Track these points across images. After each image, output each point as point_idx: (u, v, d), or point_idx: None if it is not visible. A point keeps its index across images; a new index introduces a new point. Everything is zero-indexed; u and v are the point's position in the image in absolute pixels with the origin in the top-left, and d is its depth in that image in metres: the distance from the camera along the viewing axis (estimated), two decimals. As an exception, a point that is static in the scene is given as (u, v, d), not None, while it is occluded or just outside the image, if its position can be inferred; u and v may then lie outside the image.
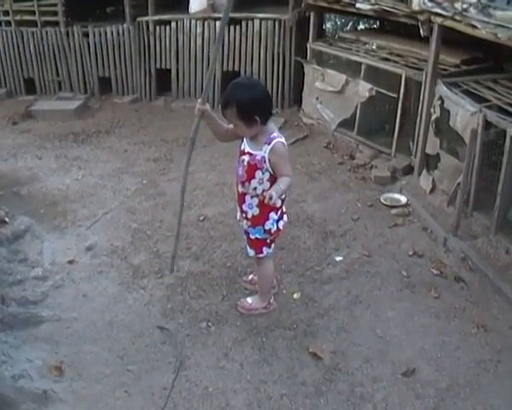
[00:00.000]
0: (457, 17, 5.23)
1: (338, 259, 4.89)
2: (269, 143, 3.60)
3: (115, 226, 5.45)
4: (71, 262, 4.86)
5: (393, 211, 5.64)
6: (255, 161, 3.66)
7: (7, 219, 5.12)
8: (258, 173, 3.68)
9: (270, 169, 3.64)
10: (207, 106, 3.79)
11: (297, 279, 4.60)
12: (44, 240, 5.17)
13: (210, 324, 4.10)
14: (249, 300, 4.23)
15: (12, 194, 6.09)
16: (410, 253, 4.95)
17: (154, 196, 6.05)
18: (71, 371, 3.70)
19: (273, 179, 3.65)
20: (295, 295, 4.40)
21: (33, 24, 9.45)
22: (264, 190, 3.64)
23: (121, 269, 4.77)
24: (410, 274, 4.65)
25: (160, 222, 5.48)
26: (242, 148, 3.80)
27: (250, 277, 4.49)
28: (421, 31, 5.91)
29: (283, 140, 3.66)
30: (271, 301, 4.23)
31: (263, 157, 3.63)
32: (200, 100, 3.79)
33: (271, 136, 3.62)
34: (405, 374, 3.64)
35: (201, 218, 5.55)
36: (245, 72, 8.75)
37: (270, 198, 3.39)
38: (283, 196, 3.80)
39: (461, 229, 5.04)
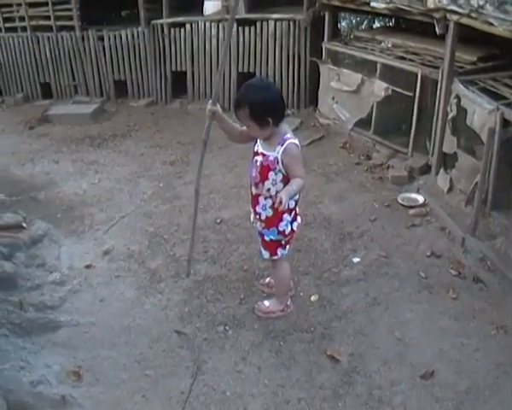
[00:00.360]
0: (473, 14, 5.18)
1: (355, 260, 4.86)
2: (282, 144, 3.60)
3: (132, 230, 5.47)
4: (88, 267, 4.88)
5: (411, 211, 5.60)
6: (268, 161, 3.66)
7: (24, 225, 5.13)
8: (272, 174, 3.68)
9: (282, 170, 3.64)
10: (218, 107, 3.79)
11: (314, 282, 4.59)
12: (62, 245, 5.19)
13: (227, 327, 4.10)
14: (266, 303, 4.22)
15: (29, 199, 6.13)
16: (428, 253, 4.90)
17: (171, 200, 6.06)
18: (89, 376, 3.72)
19: (286, 181, 3.64)
20: (313, 298, 4.38)
21: (49, 29, 9.54)
22: (277, 192, 3.63)
23: (138, 273, 4.78)
24: (428, 275, 4.61)
25: (176, 226, 5.48)
26: (256, 149, 3.80)
27: (267, 280, 4.48)
28: (436, 29, 5.87)
29: (296, 141, 3.66)
30: (288, 303, 4.22)
31: (276, 158, 3.62)
32: (210, 101, 3.79)
33: (285, 137, 3.62)
34: (424, 377, 3.61)
35: (218, 221, 5.54)
36: (260, 72, 8.74)
37: (281, 202, 3.39)
38: (297, 198, 3.79)
39: (479, 229, 4.98)
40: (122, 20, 10.39)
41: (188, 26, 8.98)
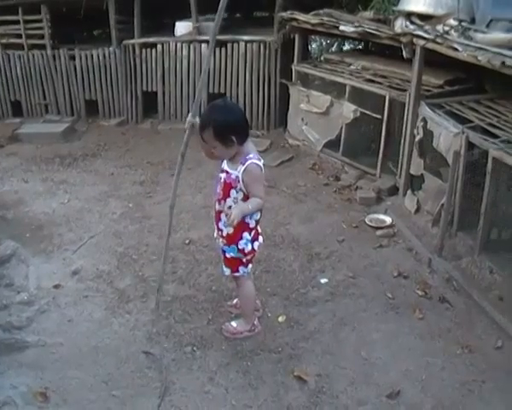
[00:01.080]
0: (439, 40, 5.30)
1: (323, 281, 4.90)
2: (243, 164, 3.66)
3: (101, 250, 5.45)
4: (56, 287, 4.84)
5: (378, 232, 5.67)
6: (230, 179, 3.73)
7: (-8, 244, 5.10)
8: (233, 192, 3.75)
9: (243, 189, 3.70)
10: (197, 119, 3.83)
11: (282, 302, 4.61)
12: (30, 264, 5.14)
13: (195, 348, 4.09)
14: (234, 324, 4.23)
15: (-3, 218, 6.08)
16: (395, 274, 4.96)
17: (140, 220, 6.06)
18: (56, 396, 3.69)
19: (247, 200, 3.71)
20: (280, 319, 4.40)
21: (20, 47, 9.49)
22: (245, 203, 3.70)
23: (107, 294, 4.76)
24: (394, 296, 4.66)
25: (145, 246, 5.48)
26: (222, 166, 3.87)
27: (235, 301, 4.49)
28: (404, 53, 5.98)
29: (259, 162, 3.70)
30: (256, 323, 4.24)
31: (237, 177, 3.69)
32: (190, 113, 3.86)
33: (247, 157, 3.67)
34: (390, 396, 3.64)
35: (187, 241, 5.55)
36: (231, 94, 8.81)
37: (229, 217, 3.51)
38: (257, 217, 3.85)
39: (445, 249, 5.07)
40: (94, 40, 10.42)
41: (159, 46, 9.03)
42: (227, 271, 4.04)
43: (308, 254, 5.31)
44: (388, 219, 5.86)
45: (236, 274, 4.03)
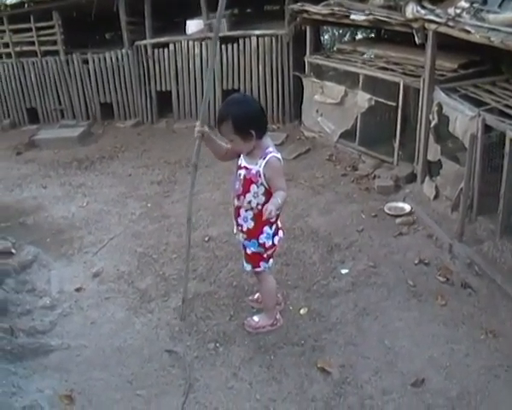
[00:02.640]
0: (451, 23, 5.25)
1: (344, 272, 4.88)
2: (264, 158, 3.64)
3: (121, 251, 5.47)
4: (78, 290, 4.88)
5: (398, 220, 5.63)
6: (250, 175, 3.70)
7: (13, 251, 5.14)
8: (254, 187, 3.72)
9: (264, 183, 3.67)
10: (206, 128, 3.83)
11: (303, 295, 4.60)
12: (52, 269, 5.19)
13: (218, 344, 4.10)
14: (256, 318, 4.23)
15: (18, 224, 6.15)
16: (416, 261, 4.93)
17: (159, 219, 6.07)
18: (81, 398, 3.71)
19: (267, 193, 3.68)
20: (302, 311, 4.39)
21: (33, 54, 9.61)
22: (258, 204, 3.70)
23: (128, 294, 4.78)
24: (416, 283, 4.63)
25: (165, 245, 5.49)
26: (239, 162, 3.84)
27: (256, 295, 4.49)
28: (416, 38, 5.93)
29: (278, 155, 3.68)
30: (278, 317, 4.23)
31: (258, 171, 3.66)
32: (198, 122, 3.84)
33: (266, 151, 3.65)
34: (415, 384, 3.62)
35: (206, 238, 5.56)
36: (244, 89, 8.80)
37: (270, 213, 3.42)
38: (278, 212, 3.81)
39: (466, 234, 5.03)
40: (106, 43, 10.48)
41: (171, 45, 9.06)
42: (248, 266, 4.04)
43: (328, 246, 5.29)
44: (407, 207, 5.82)
45: (258, 270, 4.02)
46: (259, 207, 3.68)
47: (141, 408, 3.61)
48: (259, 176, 3.66)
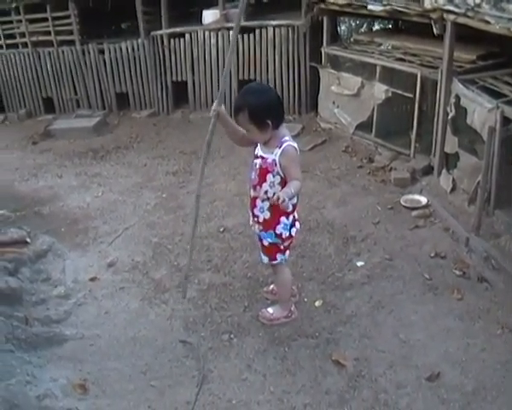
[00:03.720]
0: (470, 13, 5.17)
1: (359, 264, 4.85)
2: (280, 147, 3.62)
3: (136, 242, 5.48)
4: (93, 279, 4.89)
5: (414, 213, 5.59)
6: (266, 164, 3.68)
7: (28, 240, 5.15)
8: (270, 177, 3.69)
9: (280, 172, 3.65)
10: (223, 107, 3.80)
11: (318, 287, 4.58)
12: (66, 258, 5.20)
13: (232, 336, 4.09)
14: (270, 310, 4.21)
15: (33, 214, 6.17)
16: (432, 254, 4.89)
17: (174, 210, 6.07)
18: (95, 388, 3.71)
19: (284, 183, 3.65)
20: (317, 303, 4.37)
21: (49, 44, 9.63)
22: (274, 194, 3.64)
23: (143, 284, 4.78)
24: (432, 276, 4.60)
25: (180, 235, 5.49)
26: (256, 152, 3.82)
27: (271, 287, 4.47)
28: (434, 29, 5.87)
29: (295, 144, 3.65)
30: (292, 309, 4.22)
31: (274, 160, 3.64)
32: (215, 102, 3.81)
33: (283, 140, 3.63)
34: (430, 379, 3.59)
35: (221, 229, 5.55)
36: (260, 79, 8.75)
37: (279, 199, 3.39)
38: (294, 201, 3.79)
39: (483, 228, 4.96)
40: (122, 33, 10.47)
41: (187, 36, 9.03)
42: (265, 259, 4.01)
43: (343, 238, 5.26)
44: (424, 200, 5.78)
45: (274, 262, 4.00)
46: (275, 196, 3.64)
47: (154, 399, 3.60)
48: (275, 165, 3.64)
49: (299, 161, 3.68)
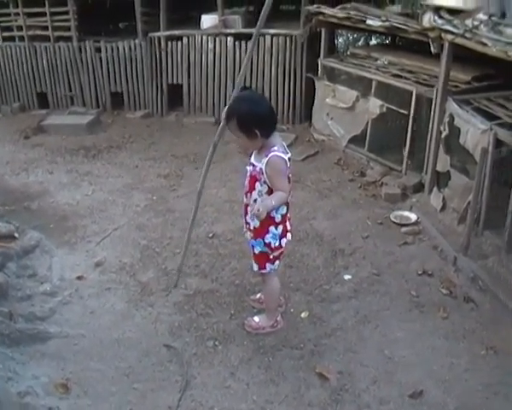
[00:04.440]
0: (468, 34, 5.20)
1: (347, 277, 4.86)
2: (267, 156, 3.62)
3: (124, 243, 5.46)
4: (79, 278, 4.86)
5: (403, 229, 5.61)
6: (255, 172, 3.71)
7: (16, 235, 5.12)
8: (258, 185, 3.72)
9: (267, 181, 3.66)
10: None
11: (305, 298, 4.58)
12: (54, 255, 5.17)
13: (217, 342, 4.08)
14: (256, 319, 4.21)
15: (23, 208, 6.15)
16: (420, 272, 4.90)
17: (164, 213, 6.06)
18: (77, 388, 3.69)
19: (271, 193, 3.68)
20: (303, 315, 4.37)
21: (46, 39, 9.60)
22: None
23: (129, 286, 4.77)
24: (419, 294, 4.61)
25: (169, 239, 5.48)
26: (251, 159, 3.83)
27: (258, 295, 4.47)
28: (431, 48, 5.90)
29: (283, 155, 3.64)
30: (278, 319, 4.21)
31: (261, 169, 3.65)
32: (227, 106, 3.83)
33: (271, 149, 3.63)
34: (413, 396, 3.59)
35: (210, 235, 5.54)
36: (256, 87, 8.76)
37: (257, 211, 3.45)
38: (283, 211, 3.80)
39: (471, 248, 4.99)
40: (119, 32, 10.45)
41: (185, 39, 9.04)
42: (255, 266, 4.02)
43: (332, 250, 5.27)
44: (413, 217, 5.80)
45: (263, 271, 4.00)
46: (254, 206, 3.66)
47: (136, 402, 3.59)
48: (262, 174, 3.65)
49: (285, 172, 3.67)
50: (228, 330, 4.21)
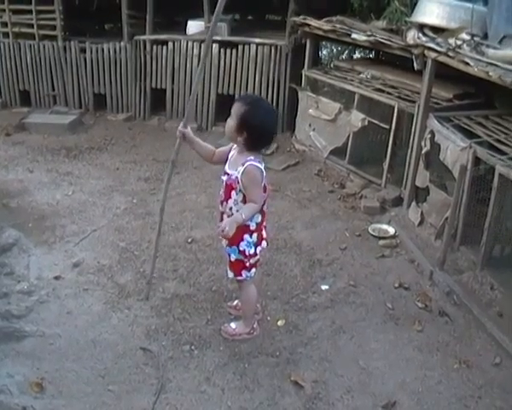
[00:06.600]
0: (451, 53, 5.29)
1: (324, 288, 4.89)
2: (243, 165, 3.66)
3: (103, 244, 5.45)
4: (57, 278, 4.84)
5: (381, 242, 5.66)
6: (231, 180, 3.74)
7: (-6, 233, 5.11)
8: (233, 194, 3.75)
9: (243, 190, 3.69)
10: (188, 129, 3.92)
11: (282, 306, 4.60)
12: (32, 254, 5.15)
13: (193, 347, 4.09)
14: (233, 325, 4.23)
15: (1, 206, 6.09)
16: (396, 285, 4.95)
17: (143, 216, 6.06)
18: (52, 388, 3.68)
19: (245, 202, 3.72)
20: (279, 323, 4.40)
21: (31, 37, 9.50)
22: (238, 211, 3.70)
23: (107, 288, 4.76)
24: (394, 306, 4.66)
25: (147, 242, 5.47)
26: (225, 168, 3.86)
27: (235, 302, 4.49)
28: (414, 64, 5.98)
29: (258, 164, 3.67)
30: (255, 326, 4.24)
31: (236, 177, 3.69)
32: (182, 123, 3.93)
33: (248, 158, 3.67)
34: (386, 407, 3.63)
35: (189, 240, 5.55)
36: (239, 96, 8.77)
37: (224, 230, 3.52)
38: (258, 220, 3.83)
39: (447, 263, 5.06)
40: (105, 34, 10.42)
41: (170, 44, 9.03)
42: (231, 274, 4.04)
43: (310, 260, 5.31)
44: (391, 230, 5.86)
45: (239, 278, 4.02)
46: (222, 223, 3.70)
47: (111, 404, 3.58)
48: (238, 182, 3.69)
49: (261, 182, 3.71)
50: (204, 335, 4.23)
